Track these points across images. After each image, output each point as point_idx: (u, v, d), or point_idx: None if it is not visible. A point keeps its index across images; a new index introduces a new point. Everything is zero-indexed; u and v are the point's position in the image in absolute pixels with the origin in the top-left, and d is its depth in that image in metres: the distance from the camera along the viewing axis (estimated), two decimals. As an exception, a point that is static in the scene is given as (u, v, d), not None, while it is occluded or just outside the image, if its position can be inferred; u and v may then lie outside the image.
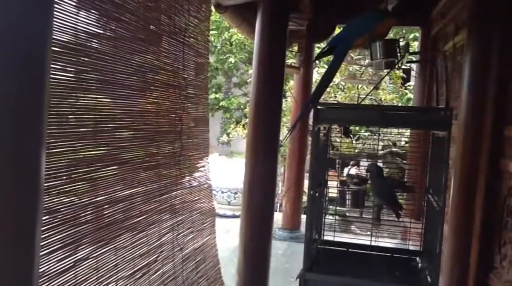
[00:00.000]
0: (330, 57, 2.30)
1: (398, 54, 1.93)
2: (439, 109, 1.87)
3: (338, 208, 2.34)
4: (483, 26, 3.14)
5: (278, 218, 6.12)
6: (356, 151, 9.35)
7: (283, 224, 6.24)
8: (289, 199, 6.17)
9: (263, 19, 3.54)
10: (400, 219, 2.25)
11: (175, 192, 2.93)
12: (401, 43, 1.95)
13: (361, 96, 9.28)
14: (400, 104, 9.19)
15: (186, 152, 3.12)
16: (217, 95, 15.61)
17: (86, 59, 1.97)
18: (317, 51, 10.93)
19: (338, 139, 2.75)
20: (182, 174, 3.04)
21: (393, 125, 1.87)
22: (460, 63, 4.22)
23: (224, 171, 11.43)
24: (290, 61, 6.83)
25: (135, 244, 2.42)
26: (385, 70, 2.21)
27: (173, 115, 2.91)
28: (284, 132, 10.36)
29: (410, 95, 9.49)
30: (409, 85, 9.59)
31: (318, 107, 1.85)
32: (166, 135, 2.85)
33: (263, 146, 3.75)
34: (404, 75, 8.72)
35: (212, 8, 3.83)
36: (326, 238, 2.42)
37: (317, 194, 2.13)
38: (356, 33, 2.08)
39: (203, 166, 3.47)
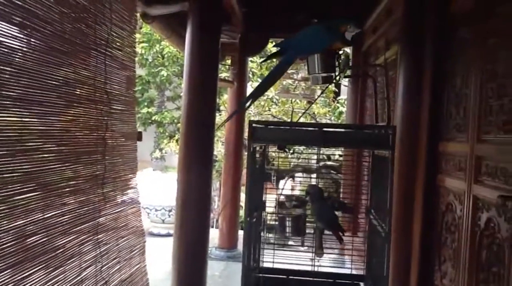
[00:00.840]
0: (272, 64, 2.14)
1: (337, 69, 1.82)
2: (381, 127, 1.76)
3: (277, 236, 2.18)
4: (415, 41, 3.14)
5: (214, 235, 5.91)
6: (292, 164, 9.35)
7: (219, 243, 6.02)
8: (226, 216, 5.97)
9: (193, 31, 3.36)
10: (343, 243, 2.14)
11: (98, 219, 2.64)
12: (341, 57, 1.84)
13: (295, 110, 9.32)
14: (333, 118, 9.31)
15: (111, 174, 2.84)
16: (150, 109, 15.19)
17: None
18: (250, 65, 10.97)
19: (273, 154, 2.62)
20: (106, 198, 2.76)
21: (333, 145, 1.74)
22: (392, 78, 4.27)
23: (157, 187, 11.02)
24: (223, 75, 6.69)
25: (49, 283, 2.12)
26: (322, 85, 2.10)
27: (95, 134, 2.64)
28: (218, 147, 10.20)
29: (342, 109, 9.67)
30: (340, 99, 9.76)
31: (254, 125, 1.69)
32: (87, 156, 2.57)
33: (196, 161, 3.55)
34: (336, 89, 8.85)
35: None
36: (265, 265, 2.25)
37: (254, 219, 1.96)
38: (304, 50, 1.95)
39: (132, 187, 3.20)
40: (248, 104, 2.01)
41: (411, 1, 3.26)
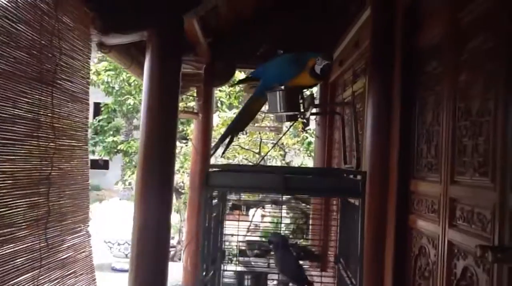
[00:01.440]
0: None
1: (302, 106, 1.66)
2: (350, 173, 1.59)
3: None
4: (382, 74, 3.04)
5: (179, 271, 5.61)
6: (260, 196, 9.14)
7: (183, 281, 5.70)
8: (190, 253, 5.67)
9: (152, 61, 3.17)
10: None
11: (39, 269, 2.37)
12: (305, 94, 1.68)
13: (263, 141, 9.18)
14: (301, 149, 9.22)
15: (56, 216, 2.59)
16: (116, 138, 14.81)
17: None
18: (219, 94, 10.83)
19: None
20: (50, 245, 2.49)
21: (297, 192, 1.56)
22: (359, 112, 4.17)
23: (121, 219, 10.57)
24: (192, 104, 6.50)
25: None
26: (287, 123, 1.93)
27: (37, 173, 2.39)
28: (184, 178, 9.91)
29: (311, 139, 9.58)
30: (309, 129, 9.69)
31: (209, 170, 1.50)
32: (27, 198, 2.31)
33: (155, 193, 3.29)
34: (304, 120, 8.75)
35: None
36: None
37: (211, 272, 1.74)
38: (273, 79, 1.79)
39: (82, 229, 2.93)
40: (226, 143, 1.82)
41: (378, 33, 3.18)
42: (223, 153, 1.95)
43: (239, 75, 10.59)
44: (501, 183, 1.71)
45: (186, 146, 9.60)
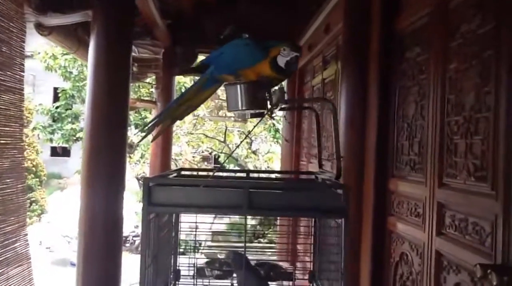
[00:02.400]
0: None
1: (268, 103, 1.34)
2: (328, 185, 1.29)
3: None
4: (357, 61, 2.76)
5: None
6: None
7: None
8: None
9: (98, 44, 2.79)
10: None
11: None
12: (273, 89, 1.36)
13: (229, 128, 8.85)
14: (267, 137, 8.92)
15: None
16: (74, 126, 14.15)
17: None
18: (183, 80, 10.36)
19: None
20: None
21: (265, 212, 1.25)
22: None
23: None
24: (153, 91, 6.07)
25: None
26: (253, 118, 1.61)
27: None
28: (144, 168, 9.46)
29: (279, 126, 9.31)
30: (276, 116, 9.41)
31: (151, 184, 1.16)
32: None
33: (103, 184, 2.99)
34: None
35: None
36: None
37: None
38: (227, 67, 1.42)
39: (16, 242, 2.55)
40: (152, 127, 1.46)
41: (352, 15, 2.89)
42: (154, 139, 1.60)
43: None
44: (505, 191, 1.46)
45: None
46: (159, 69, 4.73)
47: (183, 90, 10.66)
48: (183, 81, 10.45)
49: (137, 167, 8.71)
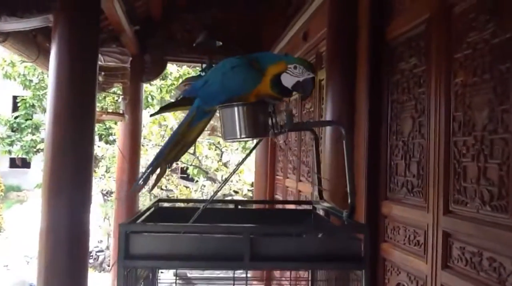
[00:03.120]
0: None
1: (273, 127, 1.08)
2: (342, 229, 1.05)
3: None
4: (344, 72, 2.57)
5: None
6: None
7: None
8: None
9: (60, 52, 2.51)
10: None
11: None
12: (277, 110, 1.11)
13: (198, 140, 8.52)
14: (238, 148, 8.65)
15: None
16: (35, 137, 13.52)
17: None
18: (150, 88, 9.98)
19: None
20: None
21: (271, 265, 1.00)
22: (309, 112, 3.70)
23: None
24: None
25: None
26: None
27: None
28: (110, 183, 8.98)
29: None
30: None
31: (131, 231, 0.91)
32: None
33: (69, 195, 2.75)
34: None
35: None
36: None
37: None
38: (216, 98, 1.14)
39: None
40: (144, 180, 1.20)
41: (336, 23, 2.69)
42: (151, 189, 1.35)
43: (171, 68, 9.86)
44: (533, 226, 1.27)
45: (113, 146, 8.76)
46: (127, 79, 4.43)
47: (149, 98, 10.29)
48: (150, 90, 10.07)
49: (102, 181, 8.28)
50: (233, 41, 4.57)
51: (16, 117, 12.98)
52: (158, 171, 1.27)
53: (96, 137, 9.19)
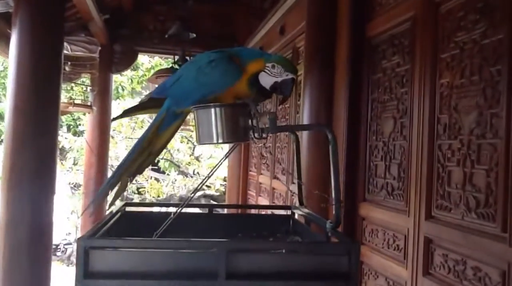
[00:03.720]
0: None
1: (254, 130, 0.97)
2: (330, 246, 0.97)
3: None
4: (323, 69, 2.49)
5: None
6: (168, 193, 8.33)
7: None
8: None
9: (21, 39, 2.34)
10: None
11: None
12: (259, 113, 1.01)
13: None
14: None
15: None
16: (0, 126, 13.04)
17: None
18: (120, 79, 9.70)
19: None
20: None
21: (249, 284, 0.91)
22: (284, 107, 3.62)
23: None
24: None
25: None
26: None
27: None
28: (78, 176, 8.71)
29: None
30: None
31: (92, 246, 0.79)
32: None
33: (31, 186, 2.61)
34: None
35: None
36: None
37: None
38: (190, 96, 1.01)
39: None
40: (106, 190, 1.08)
41: (315, 18, 2.61)
42: (110, 206, 1.21)
43: (142, 59, 9.59)
44: (523, 236, 1.21)
45: (82, 138, 8.48)
46: (95, 69, 4.25)
47: (120, 88, 9.99)
48: (120, 81, 9.78)
49: (70, 174, 8.01)
50: (207, 33, 4.44)
51: (-21, 106, 12.43)
52: (118, 185, 1.15)
53: (64, 128, 8.89)
